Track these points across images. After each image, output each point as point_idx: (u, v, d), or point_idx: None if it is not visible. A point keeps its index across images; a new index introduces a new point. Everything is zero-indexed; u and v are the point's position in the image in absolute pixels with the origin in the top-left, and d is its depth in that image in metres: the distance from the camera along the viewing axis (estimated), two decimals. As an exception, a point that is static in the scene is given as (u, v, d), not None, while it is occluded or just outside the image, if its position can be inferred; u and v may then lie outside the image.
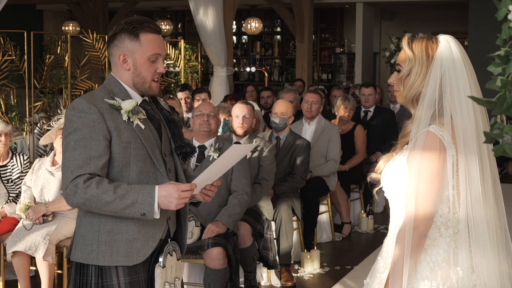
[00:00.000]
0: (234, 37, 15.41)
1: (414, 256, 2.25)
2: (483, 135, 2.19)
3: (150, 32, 2.74)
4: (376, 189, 2.47)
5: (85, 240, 2.71)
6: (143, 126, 2.73)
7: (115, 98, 2.72)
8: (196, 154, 3.01)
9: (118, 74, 2.79)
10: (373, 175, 2.45)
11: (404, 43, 2.35)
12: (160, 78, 2.84)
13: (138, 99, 2.78)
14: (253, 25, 13.72)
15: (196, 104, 7.30)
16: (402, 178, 2.30)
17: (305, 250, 6.22)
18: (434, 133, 2.24)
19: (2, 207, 5.34)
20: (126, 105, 2.70)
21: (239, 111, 5.55)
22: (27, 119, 6.66)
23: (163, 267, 2.76)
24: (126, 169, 2.69)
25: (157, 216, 2.61)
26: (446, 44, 2.30)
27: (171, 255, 2.82)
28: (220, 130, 6.30)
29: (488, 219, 2.27)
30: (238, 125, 5.52)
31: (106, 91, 2.75)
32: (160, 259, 2.76)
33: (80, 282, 2.72)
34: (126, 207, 2.58)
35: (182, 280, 2.94)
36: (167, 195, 2.59)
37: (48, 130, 5.38)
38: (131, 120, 2.70)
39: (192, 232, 4.66)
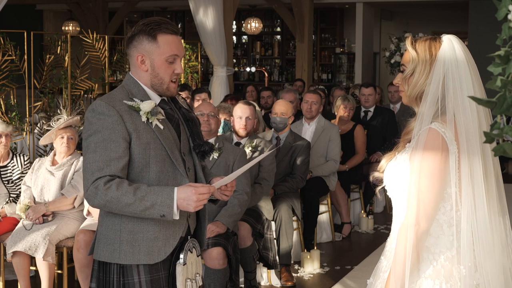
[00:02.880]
0: (234, 37, 15.41)
1: (416, 254, 2.25)
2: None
3: (168, 33, 2.76)
4: (379, 188, 2.48)
5: (107, 239, 2.75)
6: (162, 127, 2.76)
7: (133, 99, 2.75)
8: (212, 153, 3.03)
9: (137, 74, 2.81)
10: (375, 174, 2.45)
11: (408, 43, 2.36)
12: (178, 79, 2.87)
13: (156, 99, 2.81)
14: (253, 25, 13.71)
15: (196, 104, 7.30)
16: (405, 176, 2.30)
17: (305, 250, 6.22)
18: (436, 130, 2.25)
19: (2, 207, 5.34)
20: (145, 107, 2.72)
21: (241, 112, 5.52)
22: (27, 119, 6.66)
23: (183, 264, 2.80)
24: (146, 169, 2.73)
25: (177, 217, 2.65)
26: (449, 43, 2.31)
27: (191, 252, 2.86)
28: (220, 130, 6.30)
29: (491, 217, 2.28)
30: (241, 126, 5.50)
31: (125, 92, 2.78)
32: (181, 257, 2.80)
33: (103, 280, 2.77)
34: (145, 209, 2.62)
35: (202, 276, 2.96)
36: (186, 198, 2.62)
37: (48, 130, 5.38)
38: (150, 121, 2.73)
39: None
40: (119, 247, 2.73)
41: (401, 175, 2.32)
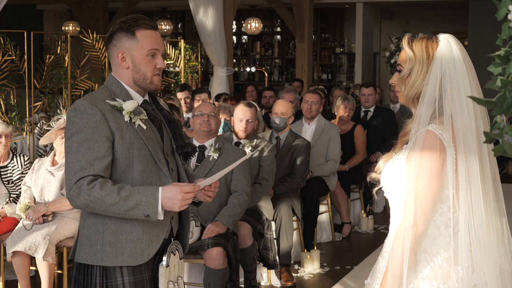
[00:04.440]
0: (234, 37, 15.41)
1: (413, 255, 2.25)
2: (483, 135, 2.20)
3: (146, 28, 2.75)
4: (376, 189, 2.47)
5: (90, 241, 2.72)
6: (144, 127, 2.74)
7: (116, 99, 2.73)
8: (196, 154, 3.02)
9: (118, 74, 2.80)
10: (373, 175, 2.45)
11: (404, 43, 2.35)
12: (161, 73, 2.85)
13: (139, 99, 2.80)
14: (253, 25, 13.71)
15: (196, 104, 7.30)
16: (402, 177, 2.30)
17: (305, 250, 6.22)
18: (433, 132, 2.24)
19: (2, 207, 5.34)
20: (128, 106, 2.71)
21: (242, 114, 5.49)
22: (27, 119, 6.66)
23: (166, 267, 2.78)
24: (129, 169, 2.70)
25: (161, 217, 2.62)
26: (446, 43, 2.30)
27: (174, 255, 2.84)
28: (220, 130, 6.30)
29: (488, 218, 2.28)
30: (240, 128, 5.48)
31: (107, 92, 2.76)
32: (164, 259, 2.78)
33: (84, 282, 2.73)
34: (130, 209, 2.59)
35: (183, 280, 2.95)
36: (171, 197, 2.60)
37: (48, 130, 5.38)
38: (132, 120, 2.71)
39: (192, 232, 4.66)
40: (102, 249, 2.69)
41: (398, 176, 2.32)
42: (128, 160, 2.69)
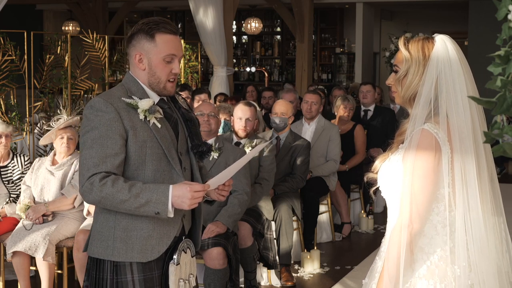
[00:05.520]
0: (234, 37, 15.41)
1: (409, 254, 2.25)
2: (479, 134, 2.22)
3: (166, 32, 2.78)
4: (373, 188, 2.48)
5: (101, 236, 2.76)
6: (159, 125, 2.77)
7: (132, 97, 2.76)
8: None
9: (136, 73, 2.83)
10: (370, 175, 2.46)
11: (401, 43, 2.36)
12: (177, 79, 2.87)
13: (155, 98, 2.82)
14: (253, 25, 13.72)
15: (196, 104, 7.30)
16: (398, 177, 2.31)
17: (305, 250, 6.22)
18: (428, 131, 2.25)
19: (2, 207, 5.34)
20: (143, 104, 2.73)
21: (242, 113, 5.50)
22: (27, 119, 6.66)
23: (177, 265, 2.80)
24: (142, 167, 2.74)
25: (171, 215, 2.66)
26: (442, 43, 2.31)
27: (185, 253, 2.86)
28: (220, 130, 6.30)
29: (485, 217, 2.28)
30: (240, 127, 5.48)
31: (124, 90, 2.80)
32: (174, 257, 2.80)
33: (96, 277, 2.78)
34: (140, 206, 2.63)
35: (196, 277, 2.96)
36: (181, 195, 2.63)
37: (48, 130, 5.38)
38: (147, 119, 2.74)
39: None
40: (113, 244, 2.73)
41: (395, 176, 2.33)
42: (140, 158, 2.73)
